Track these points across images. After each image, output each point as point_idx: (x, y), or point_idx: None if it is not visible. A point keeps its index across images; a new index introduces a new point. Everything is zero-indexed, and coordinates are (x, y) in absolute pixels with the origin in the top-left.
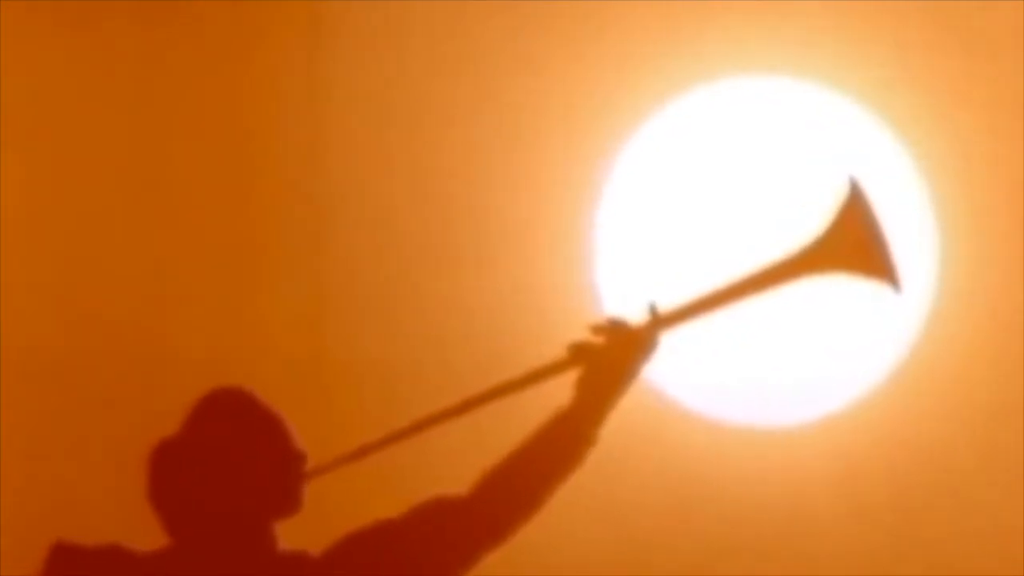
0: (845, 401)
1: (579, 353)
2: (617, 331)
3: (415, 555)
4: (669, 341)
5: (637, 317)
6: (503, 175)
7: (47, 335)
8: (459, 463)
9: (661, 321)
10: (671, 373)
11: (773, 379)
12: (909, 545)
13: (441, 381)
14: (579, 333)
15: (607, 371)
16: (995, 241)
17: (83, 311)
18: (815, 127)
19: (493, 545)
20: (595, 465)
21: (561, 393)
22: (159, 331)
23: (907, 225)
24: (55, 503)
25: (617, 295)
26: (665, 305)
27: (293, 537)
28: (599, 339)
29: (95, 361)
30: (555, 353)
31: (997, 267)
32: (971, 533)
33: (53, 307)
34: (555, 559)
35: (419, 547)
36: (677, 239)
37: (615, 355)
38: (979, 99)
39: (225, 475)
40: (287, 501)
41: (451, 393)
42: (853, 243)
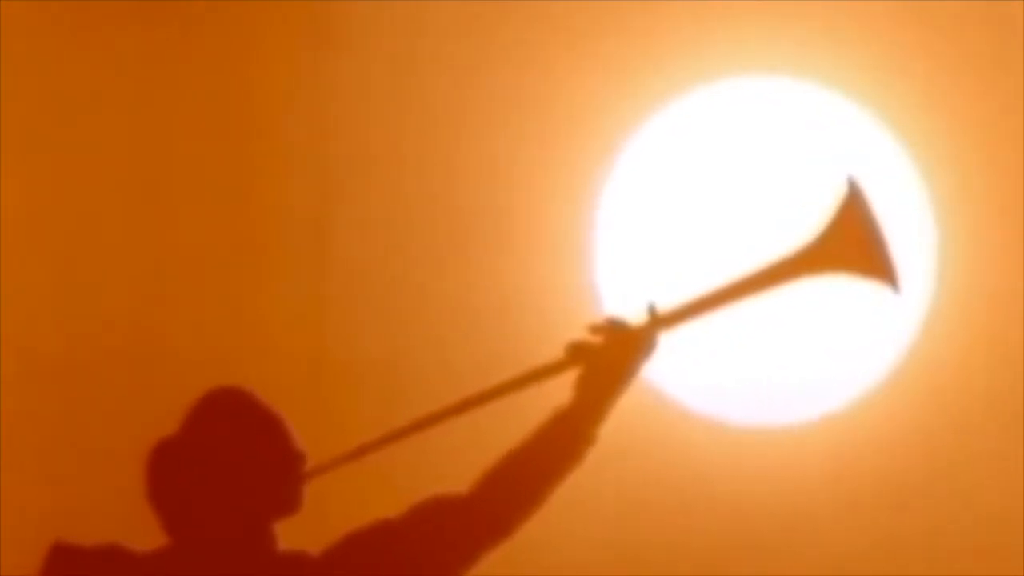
0: (844, 401)
1: (578, 353)
2: (616, 331)
3: (415, 555)
4: (669, 341)
5: (636, 317)
6: (503, 175)
7: (47, 335)
8: (459, 463)
9: (660, 321)
10: (671, 373)
11: (773, 379)
12: (908, 544)
13: (441, 381)
14: (579, 333)
15: (606, 371)
16: (994, 241)
17: (83, 311)
18: (815, 127)
19: (493, 544)
20: (595, 465)
21: (561, 393)
22: (159, 331)
23: (906, 225)
24: (55, 503)
25: (617, 295)
26: (664, 305)
27: (293, 537)
28: (598, 339)
29: (95, 361)
30: (555, 353)
31: (996, 267)
32: (970, 532)
33: (53, 307)
34: (555, 559)
35: (419, 546)
36: (677, 239)
37: (614, 355)
38: (978, 99)
39: (225, 475)
40: (287, 501)
41: (451, 393)
42: (852, 243)
